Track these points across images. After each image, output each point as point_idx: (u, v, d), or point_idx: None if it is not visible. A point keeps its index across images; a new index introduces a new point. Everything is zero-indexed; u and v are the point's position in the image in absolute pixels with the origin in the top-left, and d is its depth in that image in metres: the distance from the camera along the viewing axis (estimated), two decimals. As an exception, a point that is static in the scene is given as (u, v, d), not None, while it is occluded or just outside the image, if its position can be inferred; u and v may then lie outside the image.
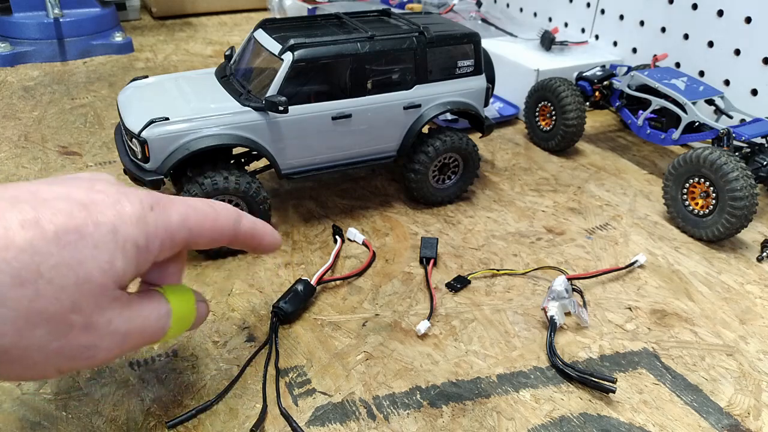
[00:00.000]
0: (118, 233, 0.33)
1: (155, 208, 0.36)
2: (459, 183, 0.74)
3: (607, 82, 0.89)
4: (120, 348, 0.35)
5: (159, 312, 0.38)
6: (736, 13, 0.88)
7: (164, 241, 0.36)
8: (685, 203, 0.71)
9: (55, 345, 0.31)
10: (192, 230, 0.38)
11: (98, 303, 0.32)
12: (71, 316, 0.31)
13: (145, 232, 0.35)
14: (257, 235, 0.44)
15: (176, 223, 0.37)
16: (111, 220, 0.33)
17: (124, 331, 0.34)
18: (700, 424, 0.47)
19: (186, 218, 0.38)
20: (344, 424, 0.45)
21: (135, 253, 0.34)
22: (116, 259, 0.33)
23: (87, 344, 0.33)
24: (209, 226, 0.39)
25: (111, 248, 0.33)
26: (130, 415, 0.45)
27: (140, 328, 0.36)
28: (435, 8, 1.31)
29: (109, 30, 1.26)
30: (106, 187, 0.35)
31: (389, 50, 0.64)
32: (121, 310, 0.34)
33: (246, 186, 0.60)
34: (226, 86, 0.65)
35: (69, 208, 0.32)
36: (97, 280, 0.32)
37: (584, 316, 0.56)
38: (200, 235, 0.39)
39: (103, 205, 0.34)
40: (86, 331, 0.32)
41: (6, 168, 0.79)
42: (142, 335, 0.36)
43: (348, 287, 0.60)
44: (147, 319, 0.36)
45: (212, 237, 0.40)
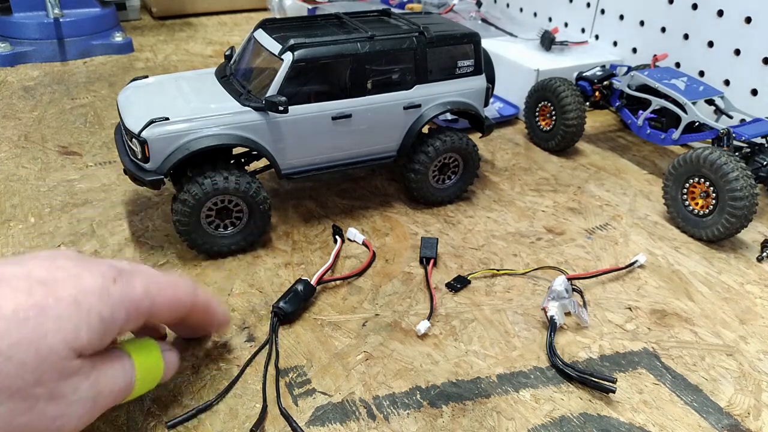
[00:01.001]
0: (81, 305, 0.34)
1: (118, 280, 0.37)
2: (459, 183, 0.74)
3: (607, 82, 0.89)
4: (90, 413, 0.35)
5: (123, 368, 0.38)
6: (736, 13, 0.88)
7: (129, 311, 0.37)
8: (685, 203, 0.71)
9: (21, 420, 0.31)
10: (154, 300, 0.39)
11: (62, 373, 0.33)
12: (35, 389, 0.31)
13: (108, 304, 0.35)
14: (211, 308, 0.46)
15: (140, 293, 0.38)
16: (72, 294, 0.34)
17: (92, 395, 0.35)
18: (700, 424, 0.47)
19: (148, 289, 0.39)
20: (344, 424, 0.45)
21: (99, 325, 0.35)
22: (80, 330, 0.33)
23: (55, 414, 0.33)
24: (169, 296, 0.41)
25: (74, 320, 0.33)
26: (130, 415, 0.45)
27: (109, 388, 0.36)
28: (435, 8, 1.31)
29: (109, 30, 1.26)
30: (66, 263, 0.36)
31: (389, 50, 0.64)
32: (87, 376, 0.35)
33: (246, 186, 0.60)
34: (226, 86, 0.65)
35: (27, 287, 0.33)
36: (60, 352, 0.32)
37: (584, 316, 0.56)
38: (162, 305, 0.40)
39: (64, 280, 0.34)
40: (52, 402, 0.32)
41: (6, 168, 0.79)
42: (110, 395, 0.37)
43: (348, 287, 0.60)
44: (113, 377, 0.37)
45: (173, 307, 0.41)
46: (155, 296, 0.39)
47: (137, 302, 0.38)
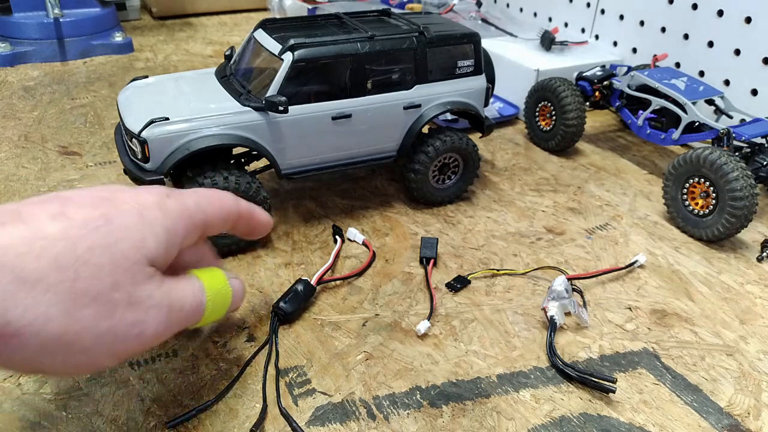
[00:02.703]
0: (144, 216, 0.36)
1: (171, 196, 0.39)
2: (459, 183, 0.74)
3: (607, 82, 0.89)
4: (167, 323, 0.36)
5: (193, 287, 0.40)
6: (736, 13, 0.88)
7: (186, 223, 0.39)
8: (685, 203, 0.71)
9: (103, 325, 0.33)
10: (206, 212, 0.41)
11: (135, 279, 0.34)
12: (113, 294, 0.33)
13: (168, 216, 0.37)
14: (255, 213, 0.48)
15: (192, 206, 0.40)
16: (134, 207, 0.36)
17: (166, 304, 0.36)
18: (700, 424, 0.47)
19: (199, 202, 0.41)
20: (344, 424, 0.45)
21: (163, 235, 0.37)
22: (146, 239, 0.35)
23: (134, 320, 0.34)
24: (218, 207, 0.43)
25: (140, 228, 0.35)
26: (130, 415, 0.45)
27: (180, 302, 0.38)
28: (435, 8, 1.31)
29: (109, 30, 1.26)
30: (122, 187, 0.38)
31: (389, 50, 0.64)
32: (159, 285, 0.36)
33: (246, 186, 0.60)
34: (226, 86, 0.65)
35: (92, 201, 0.35)
36: (132, 258, 0.34)
37: (584, 316, 0.56)
38: (213, 216, 0.42)
39: (124, 196, 0.37)
40: (130, 308, 0.34)
41: (6, 168, 0.79)
42: (183, 310, 0.38)
43: (348, 287, 0.60)
44: (184, 292, 0.38)
45: (222, 217, 0.43)
46: (206, 208, 0.41)
47: (192, 214, 0.40)
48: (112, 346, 0.34)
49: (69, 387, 0.47)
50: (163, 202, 0.38)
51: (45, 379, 0.48)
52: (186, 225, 0.39)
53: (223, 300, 0.43)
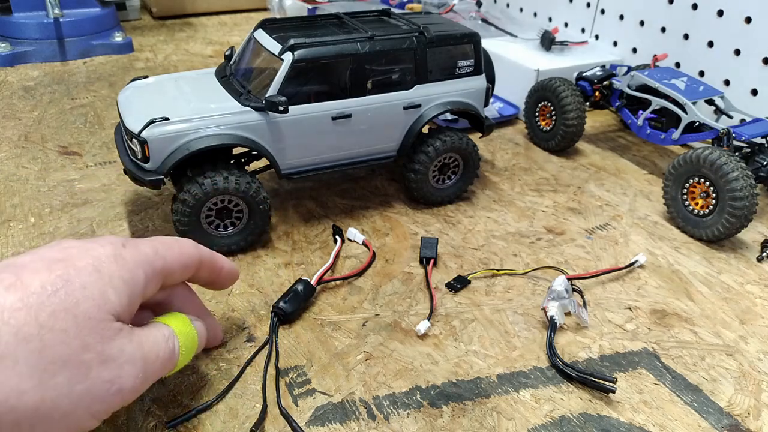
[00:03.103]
0: (102, 271, 0.35)
1: (127, 245, 0.38)
2: (459, 183, 0.74)
3: (607, 82, 0.89)
4: (143, 374, 0.36)
5: (163, 333, 0.39)
6: (736, 13, 0.88)
7: (146, 271, 0.38)
8: (685, 203, 0.71)
9: (79, 388, 0.32)
10: (165, 258, 0.40)
11: (104, 337, 0.34)
12: (84, 355, 0.32)
13: (125, 267, 0.37)
14: (217, 260, 0.46)
15: (150, 253, 0.39)
16: (90, 263, 0.35)
17: (140, 356, 0.36)
18: (700, 424, 0.47)
19: (157, 248, 0.40)
20: (344, 424, 0.45)
21: (124, 287, 0.36)
22: (107, 294, 0.35)
23: (110, 378, 0.34)
24: (177, 252, 0.42)
25: (99, 285, 0.35)
26: (130, 415, 0.45)
27: (154, 352, 0.37)
28: (435, 8, 1.31)
29: (109, 30, 1.26)
30: (72, 242, 0.37)
31: (389, 50, 0.64)
32: (129, 339, 0.36)
33: (246, 186, 0.60)
34: (226, 86, 0.65)
35: (46, 265, 0.34)
36: (96, 316, 0.34)
37: (584, 316, 0.56)
38: (173, 262, 0.41)
39: (78, 253, 0.36)
40: (104, 366, 0.33)
41: (6, 168, 0.79)
42: (158, 359, 0.38)
43: (348, 287, 0.60)
44: (156, 341, 0.38)
45: (183, 264, 0.42)
46: (165, 254, 0.40)
47: (151, 262, 0.39)
48: (91, 407, 0.33)
49: (69, 387, 0.47)
50: (119, 254, 0.37)
51: None
52: (146, 273, 0.38)
53: (191, 342, 0.42)
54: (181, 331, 0.41)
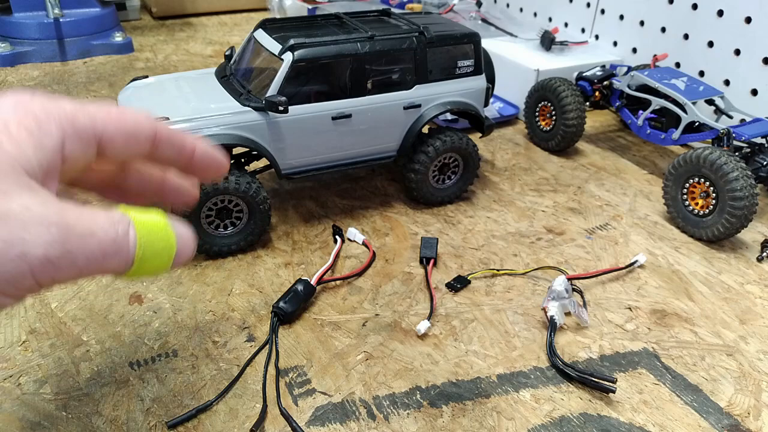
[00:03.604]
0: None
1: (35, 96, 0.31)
2: (459, 183, 0.74)
3: (607, 82, 0.89)
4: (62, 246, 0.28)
5: (110, 215, 0.30)
6: (736, 13, 0.88)
7: (64, 125, 0.31)
8: (685, 203, 0.71)
9: None
10: (95, 117, 0.32)
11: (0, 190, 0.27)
12: None
13: (30, 115, 0.30)
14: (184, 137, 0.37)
15: (70, 108, 0.32)
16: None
17: (57, 221, 0.28)
18: (700, 424, 0.47)
19: (83, 105, 0.32)
20: (344, 424, 0.45)
21: (26, 135, 0.29)
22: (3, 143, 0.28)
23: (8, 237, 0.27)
24: (116, 115, 0.34)
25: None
26: (130, 415, 0.45)
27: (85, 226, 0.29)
28: (435, 8, 1.31)
29: (109, 30, 1.26)
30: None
31: (389, 50, 0.64)
32: (44, 200, 0.28)
33: (246, 186, 0.60)
34: (226, 86, 0.65)
35: None
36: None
37: (584, 316, 0.56)
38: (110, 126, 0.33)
39: None
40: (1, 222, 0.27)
41: (6, 168, 0.79)
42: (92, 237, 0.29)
43: (348, 287, 0.60)
44: (92, 216, 0.29)
45: (125, 130, 0.34)
46: (95, 113, 0.32)
47: (70, 115, 0.31)
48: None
49: (69, 387, 0.47)
50: (21, 101, 0.30)
51: (45, 379, 0.48)
52: (62, 127, 0.31)
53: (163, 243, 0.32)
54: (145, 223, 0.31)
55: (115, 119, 0.33)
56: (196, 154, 0.38)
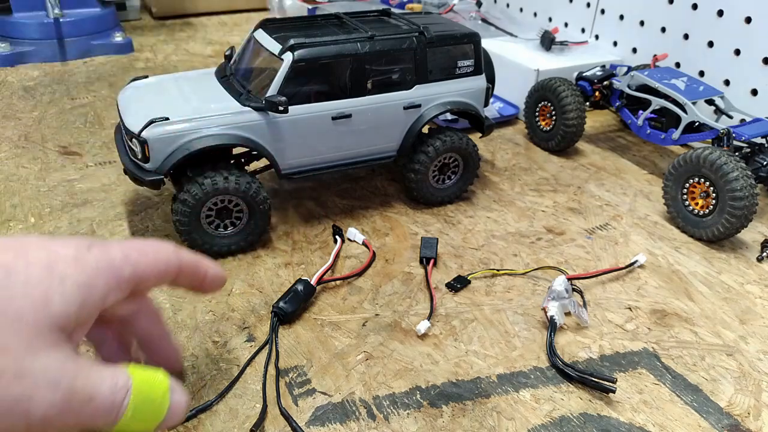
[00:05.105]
0: (53, 271, 0.31)
1: (92, 248, 0.34)
2: (459, 183, 0.74)
3: (607, 82, 0.89)
4: (61, 409, 0.30)
5: (114, 381, 0.32)
6: (736, 13, 0.88)
7: (109, 279, 0.33)
8: (685, 203, 0.71)
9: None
10: (136, 266, 0.35)
11: (30, 346, 0.29)
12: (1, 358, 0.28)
13: (85, 271, 0.32)
14: (201, 265, 0.41)
15: (119, 259, 0.34)
16: (44, 259, 0.31)
17: (66, 386, 0.30)
18: (700, 424, 0.47)
19: (127, 254, 0.35)
20: (344, 424, 0.45)
21: (75, 293, 0.31)
22: (52, 298, 0.30)
23: (19, 395, 0.28)
24: (152, 259, 0.37)
25: (45, 286, 0.30)
26: (130, 415, 0.45)
27: (88, 392, 0.30)
28: (435, 8, 1.31)
29: (109, 30, 1.26)
30: (35, 237, 0.33)
31: (389, 50, 0.64)
32: (63, 360, 0.30)
33: (246, 186, 0.60)
34: (226, 86, 0.65)
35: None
36: (29, 319, 0.29)
37: (584, 316, 0.56)
38: (146, 269, 0.36)
39: (34, 246, 0.31)
40: (18, 380, 0.28)
41: (6, 168, 0.79)
42: (90, 402, 0.31)
43: (348, 287, 0.60)
44: (99, 382, 0.31)
45: (158, 270, 0.37)
46: (136, 261, 0.35)
47: (117, 269, 0.34)
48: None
49: (69, 387, 0.47)
50: (81, 256, 0.32)
51: None
52: (108, 281, 0.33)
53: (153, 412, 0.35)
54: (143, 391, 0.34)
55: (151, 259, 0.36)
56: (207, 277, 0.41)
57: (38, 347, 0.29)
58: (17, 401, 0.29)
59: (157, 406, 0.35)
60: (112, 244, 0.35)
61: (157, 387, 0.35)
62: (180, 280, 0.40)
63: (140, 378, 0.34)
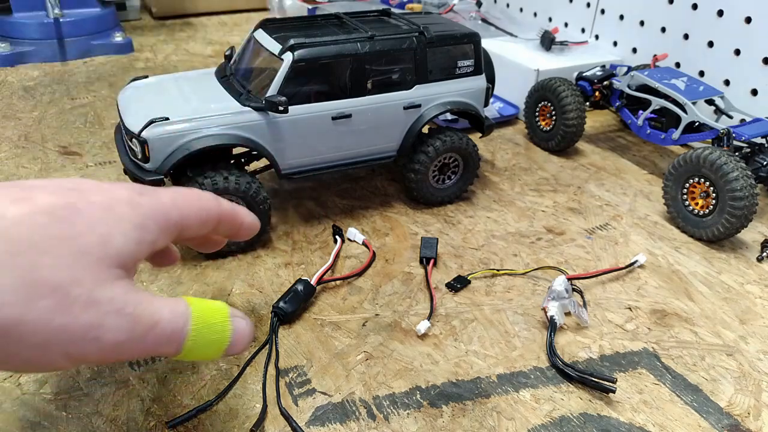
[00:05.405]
0: (113, 210, 0.33)
1: (143, 192, 0.36)
2: (459, 183, 0.74)
3: (607, 82, 0.89)
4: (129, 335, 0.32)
5: (174, 308, 0.35)
6: (736, 13, 0.88)
7: (160, 221, 0.36)
8: (685, 203, 0.71)
9: (59, 321, 0.30)
10: (182, 210, 0.38)
11: (98, 278, 0.32)
12: (72, 288, 0.30)
13: (139, 213, 0.35)
14: (238, 214, 0.44)
15: (168, 203, 0.37)
16: (104, 200, 0.34)
17: (130, 313, 0.32)
18: (700, 424, 0.47)
19: (175, 199, 0.38)
20: (344, 424, 0.45)
21: (133, 232, 0.34)
22: (114, 235, 0.33)
23: (91, 322, 0.31)
24: (197, 206, 0.39)
25: (107, 223, 0.33)
26: (130, 415, 0.45)
27: (151, 318, 0.33)
28: (435, 8, 1.31)
29: (109, 30, 1.26)
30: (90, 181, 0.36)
31: (389, 50, 0.64)
32: (126, 291, 0.33)
33: (246, 186, 0.60)
34: (226, 86, 0.65)
35: (60, 190, 0.33)
36: (96, 254, 0.32)
37: (584, 316, 0.56)
38: (191, 216, 0.39)
39: (94, 188, 0.34)
40: (89, 308, 0.31)
41: (6, 168, 0.79)
42: (154, 328, 0.33)
43: (348, 287, 0.60)
44: (159, 310, 0.34)
45: (200, 218, 0.40)
46: (183, 207, 0.38)
47: (166, 212, 0.37)
48: (66, 346, 0.31)
49: (69, 387, 0.47)
50: (134, 198, 0.35)
51: (45, 379, 0.48)
52: (159, 223, 0.36)
53: (215, 337, 0.36)
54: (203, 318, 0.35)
55: (195, 207, 0.39)
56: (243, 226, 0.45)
57: (103, 279, 0.32)
58: (89, 328, 0.31)
59: (219, 331, 0.36)
60: (161, 191, 0.38)
61: (216, 313, 0.36)
62: (219, 228, 0.42)
63: (198, 306, 0.36)
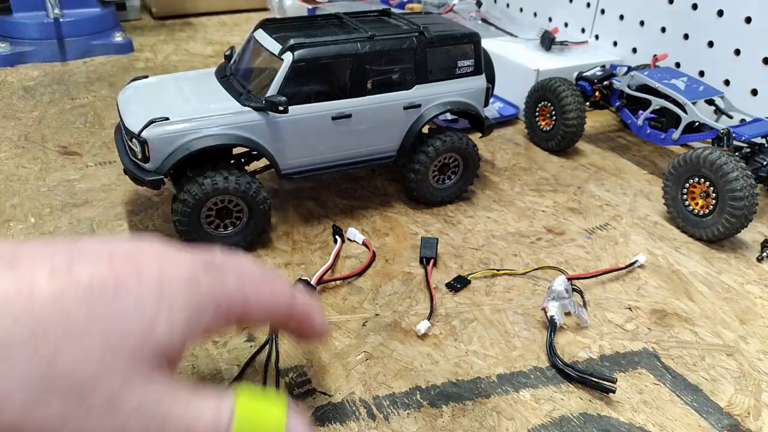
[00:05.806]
0: (164, 290, 0.28)
1: (208, 270, 0.30)
2: (459, 183, 0.74)
3: (607, 82, 0.89)
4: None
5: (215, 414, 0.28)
6: (736, 13, 0.88)
7: (219, 308, 0.30)
8: (685, 203, 0.71)
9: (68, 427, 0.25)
10: (248, 300, 0.32)
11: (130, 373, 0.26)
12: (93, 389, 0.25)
13: (197, 294, 0.29)
14: (311, 316, 0.36)
15: (233, 289, 0.31)
16: (157, 272, 0.28)
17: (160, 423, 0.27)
18: (700, 424, 0.47)
19: (243, 287, 0.31)
20: (344, 424, 0.45)
21: (183, 315, 0.28)
22: (159, 322, 0.27)
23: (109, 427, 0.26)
24: (266, 298, 0.33)
25: (154, 307, 0.27)
26: (130, 415, 0.45)
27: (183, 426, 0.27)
28: (435, 8, 1.31)
29: (109, 30, 1.26)
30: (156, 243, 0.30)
31: (389, 50, 0.64)
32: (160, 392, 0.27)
33: (246, 186, 0.60)
34: (226, 86, 0.65)
35: (109, 258, 0.27)
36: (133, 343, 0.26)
37: (584, 316, 0.56)
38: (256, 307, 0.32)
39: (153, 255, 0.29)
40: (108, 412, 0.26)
41: (6, 168, 0.79)
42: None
43: (348, 287, 0.60)
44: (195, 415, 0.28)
45: (268, 311, 0.33)
46: (249, 296, 0.32)
47: (229, 300, 0.31)
48: None
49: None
50: (196, 277, 0.29)
51: None
52: (217, 309, 0.30)
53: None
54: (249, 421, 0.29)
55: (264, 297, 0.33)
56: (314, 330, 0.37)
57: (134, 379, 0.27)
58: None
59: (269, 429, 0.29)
60: (229, 270, 0.31)
61: (270, 415, 0.30)
62: (286, 324, 0.36)
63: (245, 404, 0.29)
